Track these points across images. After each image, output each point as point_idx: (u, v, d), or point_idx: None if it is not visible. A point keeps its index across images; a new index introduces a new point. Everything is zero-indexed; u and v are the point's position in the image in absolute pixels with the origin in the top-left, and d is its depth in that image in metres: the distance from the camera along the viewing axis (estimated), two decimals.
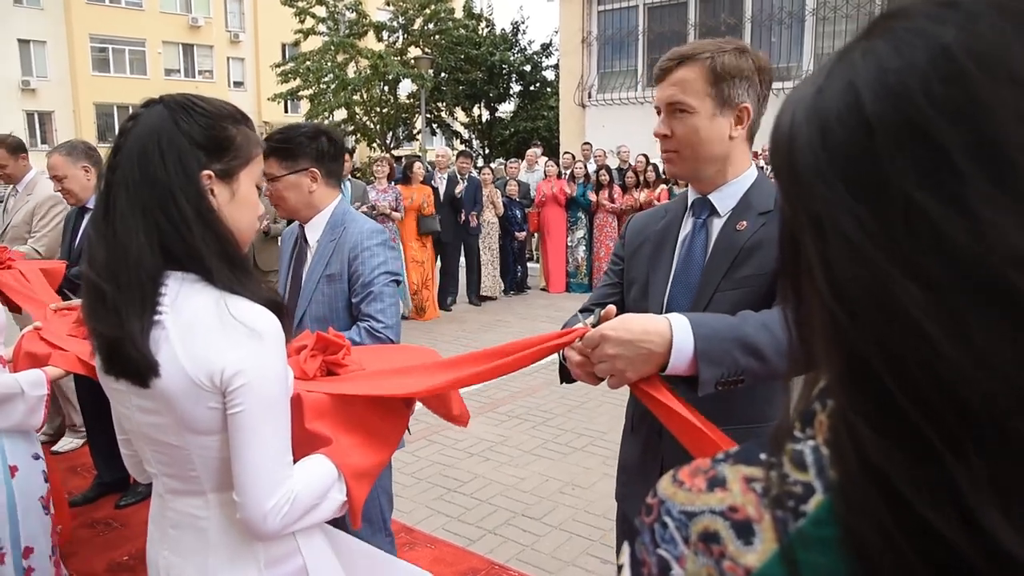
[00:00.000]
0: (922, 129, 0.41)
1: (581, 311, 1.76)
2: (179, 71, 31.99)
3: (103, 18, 29.25)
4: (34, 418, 1.91)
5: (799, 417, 0.51)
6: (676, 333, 1.18)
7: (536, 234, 10.43)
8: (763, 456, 0.51)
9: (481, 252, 9.33)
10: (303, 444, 1.31)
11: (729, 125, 1.49)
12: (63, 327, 2.05)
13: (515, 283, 10.06)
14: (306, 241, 2.13)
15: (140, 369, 1.15)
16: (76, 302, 2.15)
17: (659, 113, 1.54)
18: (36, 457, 1.98)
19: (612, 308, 1.31)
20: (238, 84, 33.37)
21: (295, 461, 1.28)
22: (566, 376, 1.47)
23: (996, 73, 0.40)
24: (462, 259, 9.30)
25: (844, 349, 0.43)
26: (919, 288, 0.39)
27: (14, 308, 2.70)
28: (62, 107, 28.60)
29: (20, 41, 27.51)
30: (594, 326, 1.26)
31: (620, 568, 0.59)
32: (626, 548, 0.59)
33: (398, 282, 2.13)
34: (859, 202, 0.42)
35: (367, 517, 2.12)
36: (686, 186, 1.64)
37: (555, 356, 1.43)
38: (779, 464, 0.50)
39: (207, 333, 1.15)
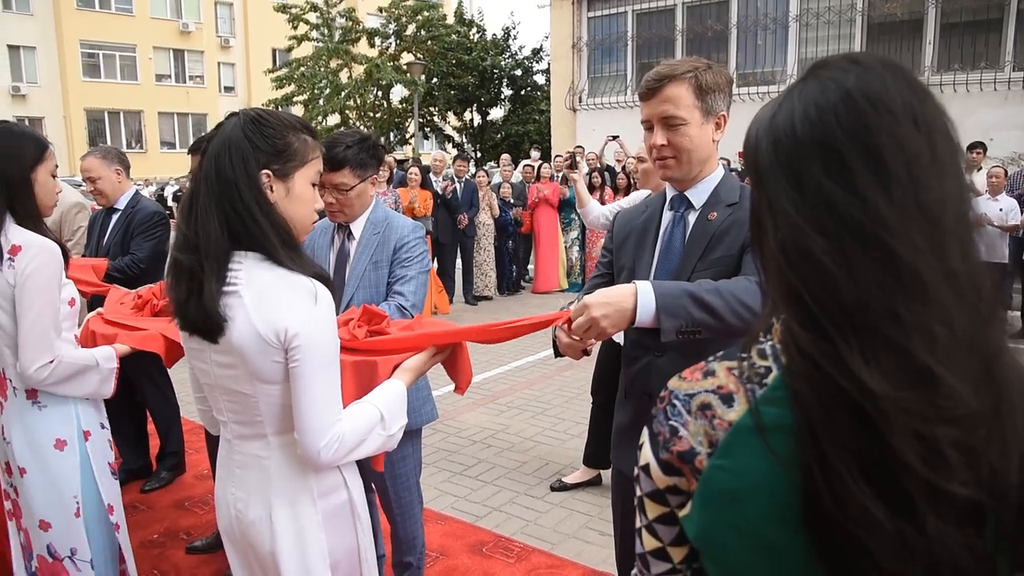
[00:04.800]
0: (830, 142, 0.67)
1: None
2: (170, 76, 32.07)
3: (93, 24, 29.33)
4: (106, 387, 2.14)
5: (763, 328, 0.77)
6: (641, 293, 1.52)
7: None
8: (740, 354, 0.77)
9: (475, 253, 9.59)
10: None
11: (711, 131, 1.77)
12: (124, 312, 2.30)
13: (510, 283, 10.33)
14: (350, 236, 2.36)
15: (209, 326, 1.42)
16: (141, 289, 2.38)
17: (648, 127, 1.80)
18: (103, 426, 2.21)
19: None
20: (229, 89, 33.46)
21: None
22: (557, 351, 1.79)
23: (877, 107, 0.67)
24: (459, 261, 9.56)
25: (785, 281, 0.69)
26: (823, 239, 0.66)
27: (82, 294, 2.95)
28: (52, 113, 28.62)
29: (10, 47, 27.56)
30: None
31: (642, 445, 0.84)
32: (645, 431, 0.84)
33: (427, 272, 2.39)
34: (792, 188, 0.69)
35: (405, 477, 2.38)
36: None
37: (551, 353, 1.76)
38: (749, 357, 0.75)
39: (274, 301, 1.43)
